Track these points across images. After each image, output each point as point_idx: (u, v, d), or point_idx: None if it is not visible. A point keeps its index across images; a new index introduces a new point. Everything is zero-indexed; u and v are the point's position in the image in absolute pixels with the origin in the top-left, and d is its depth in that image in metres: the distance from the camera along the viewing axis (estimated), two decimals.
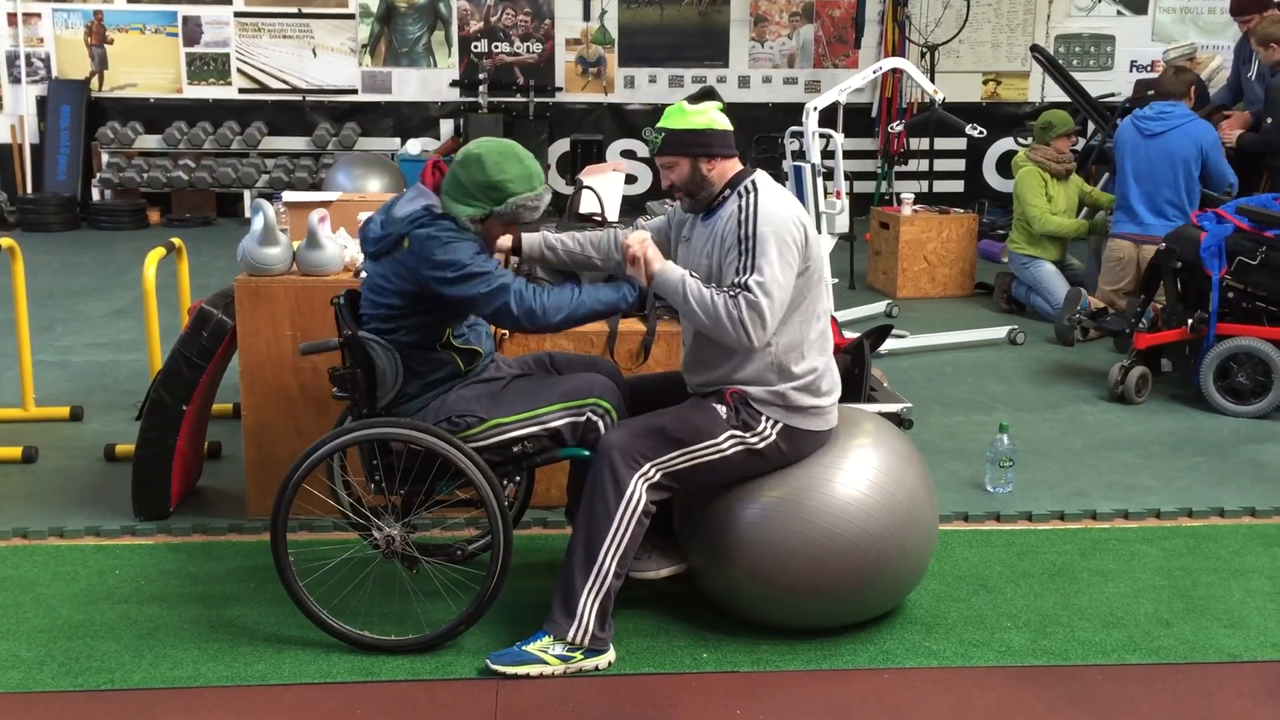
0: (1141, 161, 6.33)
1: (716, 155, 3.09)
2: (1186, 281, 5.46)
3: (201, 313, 3.88)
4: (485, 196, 3.02)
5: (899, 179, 10.94)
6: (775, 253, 2.96)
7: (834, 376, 3.19)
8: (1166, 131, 6.27)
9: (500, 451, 3.12)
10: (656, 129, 3.12)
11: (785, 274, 2.97)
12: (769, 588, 3.10)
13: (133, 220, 10.40)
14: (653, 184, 10.92)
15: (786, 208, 3.04)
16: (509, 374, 3.26)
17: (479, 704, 2.88)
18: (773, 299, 2.95)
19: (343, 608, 3.22)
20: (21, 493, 4.23)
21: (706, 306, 2.97)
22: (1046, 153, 7.03)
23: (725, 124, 3.12)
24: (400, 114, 11.05)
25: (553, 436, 3.13)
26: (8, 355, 5.67)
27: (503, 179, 3.01)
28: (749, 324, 2.94)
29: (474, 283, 2.97)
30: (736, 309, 2.94)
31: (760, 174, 3.15)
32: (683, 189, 3.14)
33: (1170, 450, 4.79)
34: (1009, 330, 6.53)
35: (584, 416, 3.12)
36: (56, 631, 3.22)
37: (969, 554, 3.77)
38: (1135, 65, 11.26)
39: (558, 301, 3.03)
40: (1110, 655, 3.15)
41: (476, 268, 2.97)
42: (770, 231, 2.97)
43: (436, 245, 2.97)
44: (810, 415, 3.10)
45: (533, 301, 3.00)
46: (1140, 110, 6.50)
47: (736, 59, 11.17)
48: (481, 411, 3.11)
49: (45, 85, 10.72)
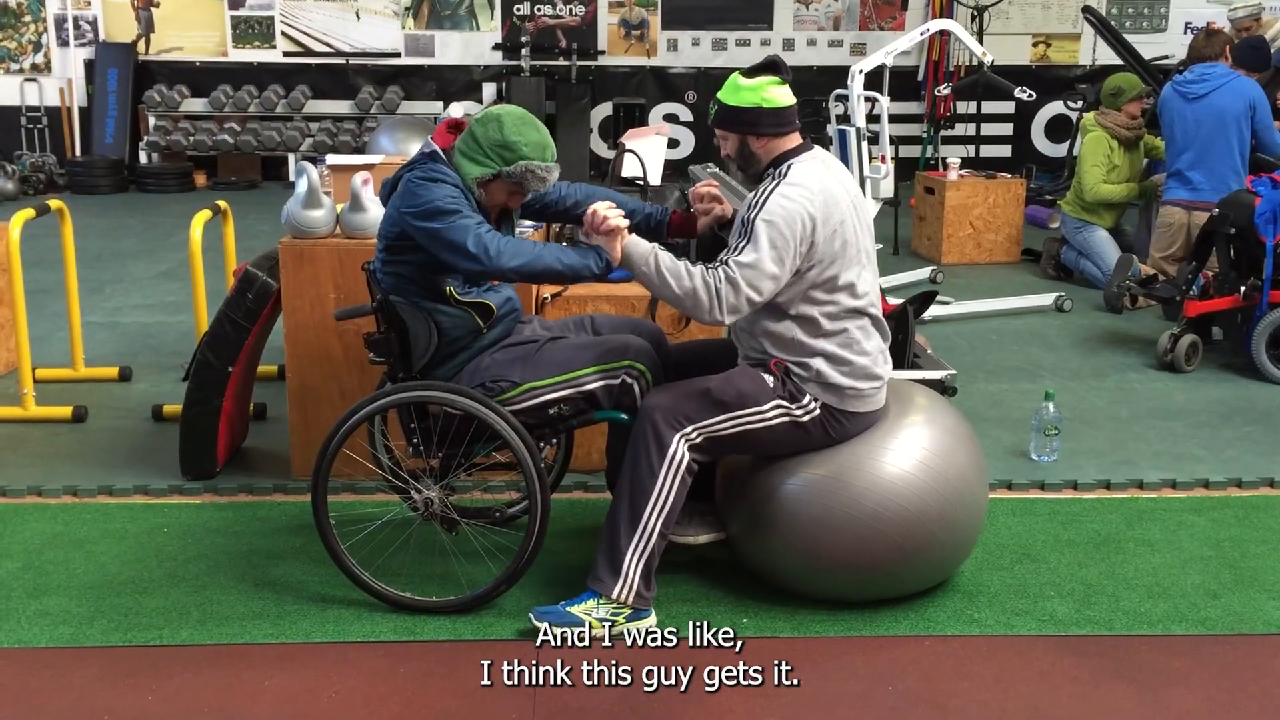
0: (1190, 126, 6.20)
1: (765, 134, 3.05)
2: (1239, 248, 5.36)
3: (246, 275, 3.91)
4: (496, 155, 3.04)
5: (945, 143, 10.80)
6: (766, 242, 2.92)
7: (877, 364, 3.11)
8: (1210, 93, 6.15)
9: (536, 414, 3.13)
10: (715, 99, 3.12)
11: (773, 265, 2.92)
12: (810, 562, 3.09)
13: (179, 183, 10.51)
14: (695, 148, 10.86)
15: (798, 202, 2.95)
16: (545, 336, 3.25)
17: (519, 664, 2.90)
18: (751, 282, 2.91)
19: (385, 569, 3.25)
20: (71, 451, 4.30)
21: (680, 276, 2.95)
22: (1117, 118, 6.86)
23: (780, 100, 3.04)
24: (443, 77, 11.04)
25: (588, 399, 3.13)
26: (58, 316, 5.75)
27: (517, 140, 3.03)
28: (722, 294, 2.91)
29: (439, 219, 2.97)
30: (714, 278, 2.93)
31: (806, 156, 3.07)
32: (734, 161, 3.15)
33: (1220, 420, 4.71)
34: (1056, 297, 6.44)
35: (619, 379, 3.12)
36: (106, 588, 3.27)
37: (1013, 522, 3.74)
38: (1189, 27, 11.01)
39: (517, 248, 3.00)
40: (1156, 626, 3.11)
41: (443, 205, 2.98)
42: (768, 222, 2.92)
43: (417, 184, 3.02)
44: (850, 397, 3.07)
45: (490, 242, 2.97)
46: (1180, 75, 6.39)
47: (781, 21, 11.04)
48: (516, 375, 3.11)
49: (93, 48, 10.81)
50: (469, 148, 3.08)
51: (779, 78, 3.06)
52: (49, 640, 3.01)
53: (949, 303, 6.29)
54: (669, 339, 3.44)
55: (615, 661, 2.90)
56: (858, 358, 3.06)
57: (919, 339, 4.43)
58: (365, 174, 3.85)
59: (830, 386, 3.04)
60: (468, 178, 3.06)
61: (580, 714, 2.71)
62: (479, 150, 3.06)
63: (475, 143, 3.06)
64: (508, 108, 3.11)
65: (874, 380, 3.10)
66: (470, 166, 3.06)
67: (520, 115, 3.10)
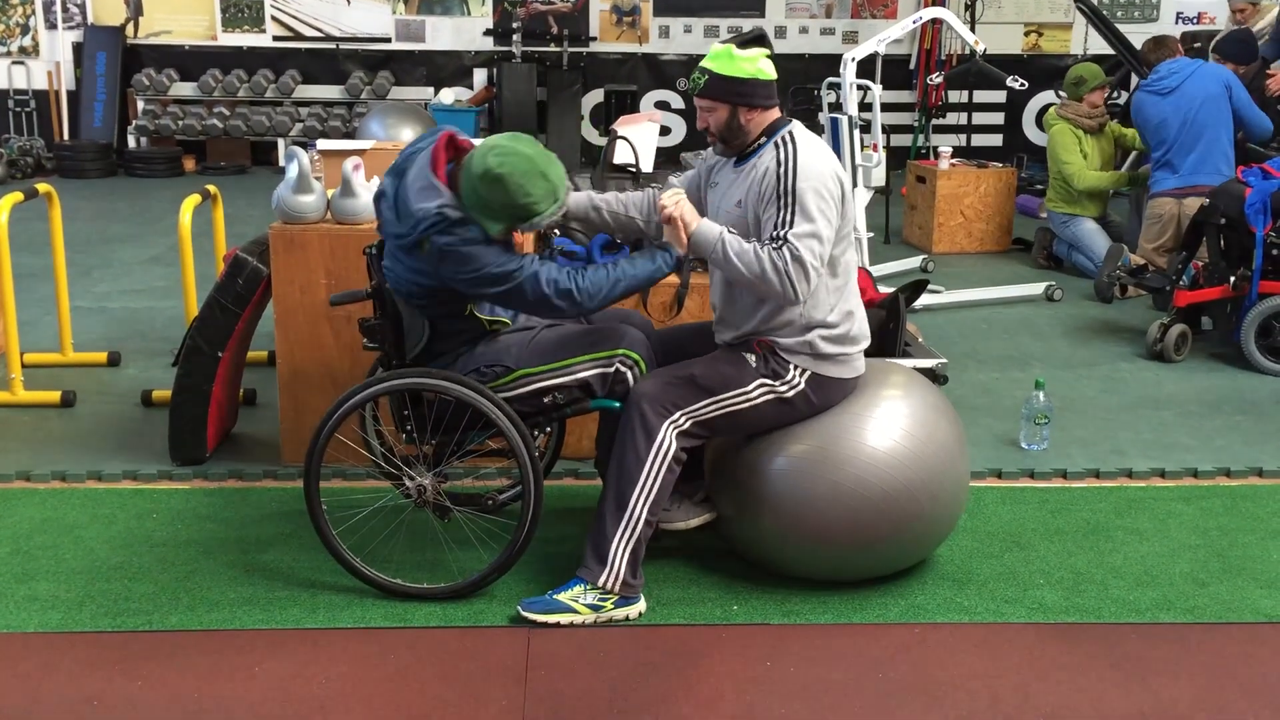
0: (1170, 118, 6.25)
1: (758, 106, 3.05)
2: (1229, 238, 5.37)
3: (236, 260, 3.90)
4: (509, 216, 2.91)
5: (936, 132, 10.80)
6: (815, 208, 2.94)
7: (862, 325, 3.17)
8: (1182, 84, 6.26)
9: (531, 402, 3.12)
10: (700, 69, 3.06)
11: (826, 228, 2.95)
12: (798, 536, 3.10)
13: (168, 168, 10.46)
14: (687, 135, 10.84)
15: (825, 162, 3.02)
16: (539, 325, 3.25)
17: (511, 651, 2.90)
18: (814, 253, 2.93)
19: (376, 555, 3.24)
20: (60, 436, 4.28)
21: (750, 261, 2.94)
22: (1078, 109, 6.91)
23: (771, 74, 3.06)
24: (434, 63, 11.00)
25: (582, 387, 3.13)
26: (46, 301, 5.72)
27: (528, 201, 2.88)
28: (794, 276, 2.91)
29: (501, 284, 2.90)
30: (782, 261, 2.91)
31: (796, 124, 3.11)
32: (718, 134, 3.10)
33: (1209, 409, 4.73)
34: (1046, 286, 6.45)
35: (613, 368, 3.12)
36: (95, 573, 3.27)
37: (1002, 510, 3.75)
38: (1181, 17, 11.03)
39: (595, 282, 2.96)
40: (1144, 614, 3.13)
41: (499, 268, 2.88)
42: (809, 187, 2.94)
43: (457, 254, 2.87)
44: (838, 362, 3.10)
45: (568, 284, 2.93)
46: (1145, 80, 6.46)
47: (773, 8, 11.02)
48: (510, 362, 3.10)
49: (81, 32, 10.74)
50: (477, 204, 2.89)
51: (769, 51, 3.08)
52: (37, 626, 3.00)
53: (940, 291, 6.30)
54: (661, 326, 3.44)
55: (604, 648, 2.90)
56: (848, 318, 3.10)
57: (910, 328, 4.43)
58: (356, 159, 3.83)
59: (820, 355, 3.07)
60: (490, 233, 2.92)
61: (569, 700, 2.71)
62: (489, 209, 2.89)
63: (482, 200, 2.88)
64: (504, 157, 2.86)
65: (859, 344, 3.15)
66: (490, 225, 2.91)
67: (522, 168, 2.86)
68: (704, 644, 2.96)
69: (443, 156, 2.96)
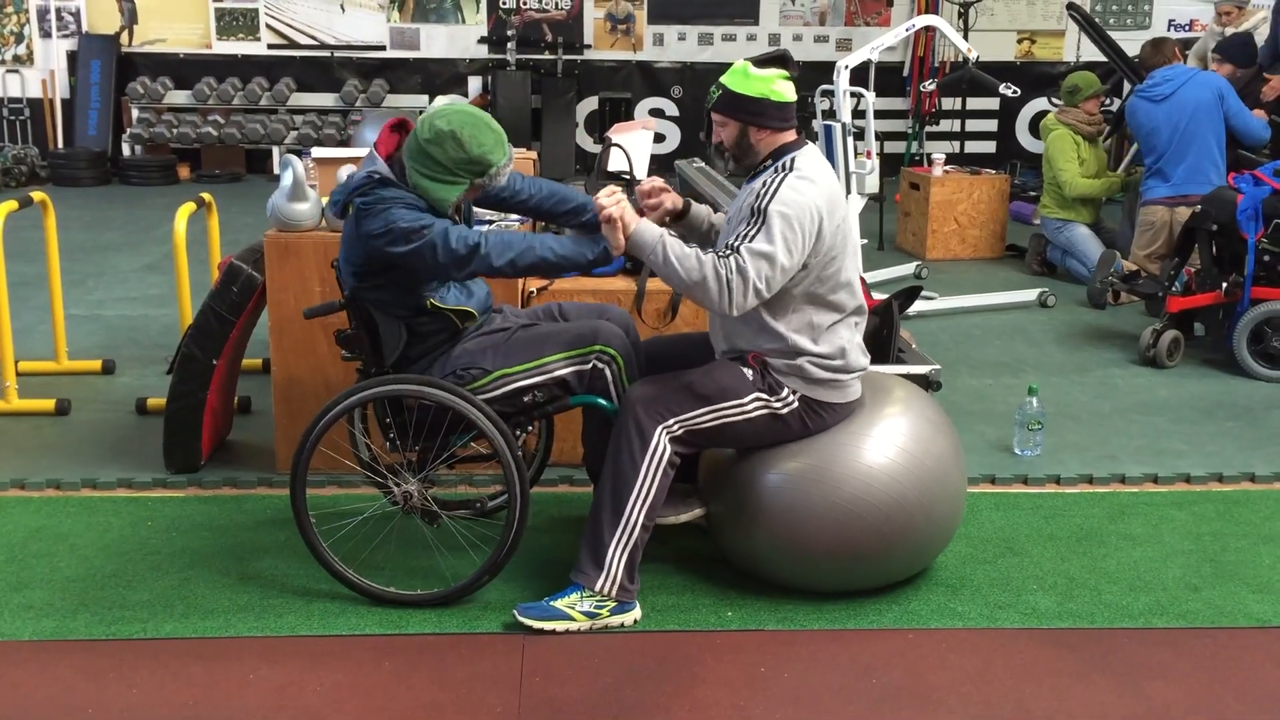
0: (1162, 125, 6.27)
1: (768, 127, 3.04)
2: (1221, 244, 5.40)
3: (231, 268, 3.90)
4: (467, 171, 2.96)
5: (930, 139, 10.83)
6: (779, 232, 2.90)
7: (857, 358, 3.13)
8: (1176, 91, 6.28)
9: (510, 402, 3.13)
10: (718, 83, 3.06)
11: (784, 256, 2.90)
12: (792, 551, 3.10)
13: (163, 176, 10.45)
14: (681, 142, 10.85)
15: (809, 194, 2.96)
16: (515, 324, 3.26)
17: (506, 658, 2.90)
18: (761, 273, 2.89)
19: (368, 563, 3.25)
20: (55, 444, 4.28)
21: (691, 266, 2.91)
22: (1076, 115, 6.96)
23: (786, 95, 3.03)
24: (428, 70, 11.01)
25: (560, 385, 3.14)
26: (41, 309, 5.72)
27: (482, 152, 2.94)
28: (733, 286, 2.88)
29: (412, 241, 2.91)
30: (725, 269, 2.89)
31: (806, 150, 3.08)
32: (729, 150, 3.11)
33: (1201, 415, 4.74)
34: (1039, 293, 6.47)
35: (589, 364, 3.12)
36: (89, 581, 3.26)
37: (996, 516, 3.76)
38: (1174, 24, 11.06)
39: (506, 242, 2.97)
40: (1137, 619, 3.14)
41: (408, 224, 2.91)
42: (780, 211, 2.91)
43: (372, 213, 2.94)
44: (830, 387, 3.08)
45: (477, 238, 2.93)
46: (1140, 86, 6.48)
47: (767, 16, 11.04)
48: (487, 363, 3.11)
49: (75, 40, 10.74)
50: (431, 171, 2.95)
51: (788, 72, 3.05)
52: (32, 633, 3.00)
53: (933, 298, 6.31)
54: (656, 333, 3.44)
55: (599, 655, 2.91)
56: (840, 353, 3.08)
57: (903, 334, 4.44)
58: (351, 167, 3.84)
59: (811, 380, 3.06)
60: (444, 203, 2.97)
61: (565, 706, 2.72)
62: (445, 171, 2.95)
63: (437, 164, 2.94)
64: (449, 116, 2.95)
65: (853, 372, 3.12)
66: (443, 190, 2.96)
67: (469, 122, 2.95)
68: (698, 650, 2.96)
69: (386, 139, 3.05)
